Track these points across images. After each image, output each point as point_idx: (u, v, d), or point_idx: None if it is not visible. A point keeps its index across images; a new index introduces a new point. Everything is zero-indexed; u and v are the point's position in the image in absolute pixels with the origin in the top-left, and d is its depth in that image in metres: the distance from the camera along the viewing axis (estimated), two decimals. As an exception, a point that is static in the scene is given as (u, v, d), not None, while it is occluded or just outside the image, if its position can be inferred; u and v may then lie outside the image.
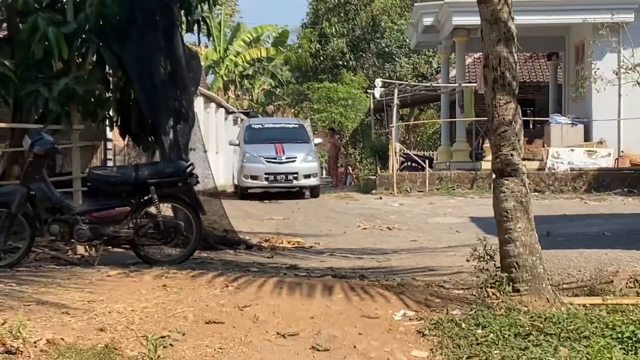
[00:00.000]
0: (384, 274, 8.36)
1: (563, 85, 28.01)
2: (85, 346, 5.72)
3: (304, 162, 21.89)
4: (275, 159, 21.85)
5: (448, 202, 19.51)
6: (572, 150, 22.28)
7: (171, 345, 5.87)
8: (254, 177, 21.68)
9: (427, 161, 24.81)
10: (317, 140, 24.95)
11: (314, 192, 22.21)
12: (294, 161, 21.79)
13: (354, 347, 5.97)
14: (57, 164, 11.92)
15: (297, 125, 24.66)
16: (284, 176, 21.60)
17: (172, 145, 10.50)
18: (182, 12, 11.04)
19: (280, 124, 25.57)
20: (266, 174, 21.60)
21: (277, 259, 10.22)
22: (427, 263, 9.50)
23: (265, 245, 11.65)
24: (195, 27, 11.25)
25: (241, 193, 22.09)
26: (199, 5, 11.16)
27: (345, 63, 45.09)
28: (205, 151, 11.13)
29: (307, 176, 21.74)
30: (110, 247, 9.62)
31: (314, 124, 44.68)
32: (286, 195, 21.74)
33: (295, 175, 21.59)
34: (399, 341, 6.08)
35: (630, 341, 5.79)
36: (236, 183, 23.41)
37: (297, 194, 22.15)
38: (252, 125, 24.32)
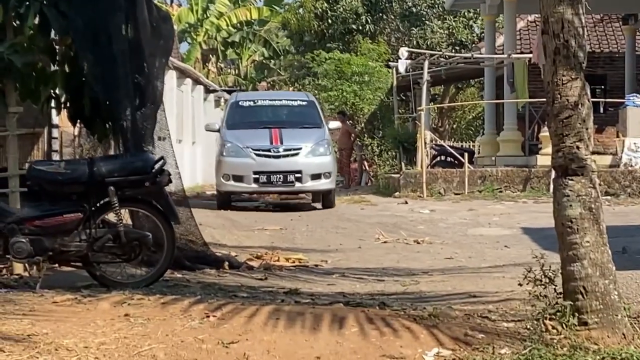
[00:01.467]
0: (411, 302, 8.39)
1: (643, 57, 28.05)
2: (24, 393, 5.74)
3: (311, 156, 19.64)
4: (268, 151, 19.65)
5: (494, 208, 19.55)
6: (655, 141, 22.33)
7: (136, 393, 5.90)
8: (237, 178, 19.48)
9: (466, 155, 24.84)
10: (334, 124, 22.86)
11: (327, 200, 20.07)
12: (296, 154, 19.58)
13: (372, 396, 6.00)
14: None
15: (304, 102, 22.19)
16: (281, 176, 19.36)
17: (135, 134, 10.50)
18: (150, -40, 11.06)
19: (280, 99, 23.18)
20: (255, 173, 19.38)
21: (272, 281, 10.24)
22: (467, 287, 9.54)
23: (256, 263, 11.66)
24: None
25: (220, 200, 20.01)
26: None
27: (360, 27, 45.08)
28: (163, 139, 11.09)
29: (316, 176, 19.43)
30: (56, 264, 9.63)
31: (320, 106, 44.75)
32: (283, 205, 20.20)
33: (299, 176, 19.34)
34: (431, 389, 6.11)
35: None
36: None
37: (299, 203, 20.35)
38: (240, 103, 21.84)
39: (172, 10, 40.19)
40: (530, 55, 26.48)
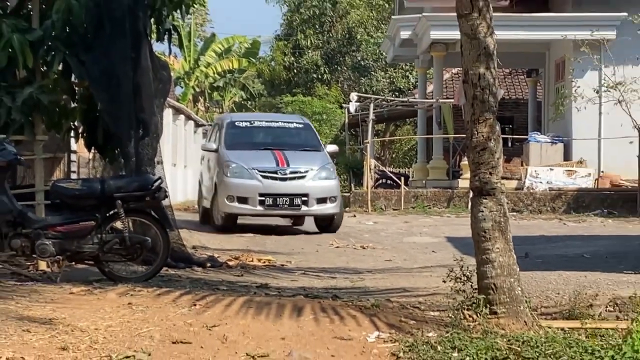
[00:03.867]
0: (357, 295, 8.38)
1: (543, 103, 28.26)
2: (46, 366, 5.69)
3: (317, 180, 16.35)
4: (275, 173, 16.16)
5: (424, 221, 19.57)
6: (551, 169, 22.46)
7: (136, 365, 5.85)
8: (242, 200, 15.98)
9: (402, 179, 24.94)
10: (331, 147, 18.66)
11: (332, 224, 16.58)
12: (303, 177, 16.27)
13: (326, 369, 5.98)
14: (18, 175, 11.84)
15: (300, 125, 18.40)
16: (287, 199, 16.04)
17: (138, 159, 10.47)
18: (153, 20, 11.02)
19: (276, 121, 19.17)
20: (262, 195, 15.95)
21: (247, 277, 10.19)
22: (402, 284, 9.52)
23: (234, 263, 11.62)
24: (166, 37, 11.23)
25: (224, 222, 16.29)
26: (170, 14, 11.15)
27: (319, 76, 45.20)
28: (159, 163, 11.02)
29: (322, 200, 16.25)
30: (73, 263, 9.56)
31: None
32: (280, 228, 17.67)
33: (305, 199, 16.08)
34: (373, 364, 6.09)
35: (610, 366, 5.84)
36: (205, 205, 17.80)
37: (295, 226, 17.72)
38: (237, 123, 17.90)
39: (171, 61, 40.05)
40: (454, 100, 26.67)
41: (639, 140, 20.23)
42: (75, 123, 10.95)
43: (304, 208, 16.11)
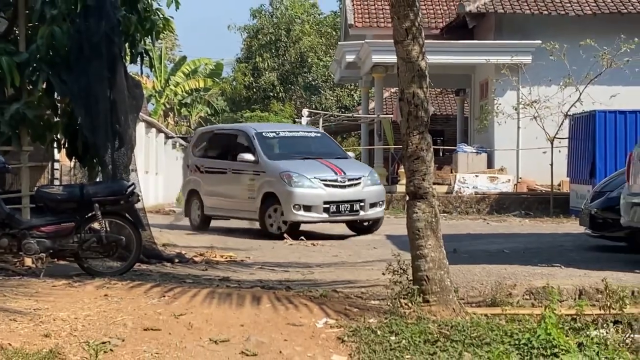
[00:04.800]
0: (308, 286, 8.35)
1: (469, 118, 28.51)
2: (30, 351, 5.61)
3: (370, 185, 15.47)
4: (336, 181, 15.04)
5: (366, 221, 19.51)
6: (476, 176, 22.64)
7: (111, 350, 5.79)
8: (307, 208, 14.77)
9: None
10: (351, 155, 17.58)
11: (376, 225, 15.78)
12: (358, 184, 15.22)
13: (280, 352, 5.95)
14: (6, 182, 11.65)
15: (319, 134, 17.50)
16: (348, 205, 14.96)
17: (114, 167, 10.36)
18: (127, 44, 10.93)
19: (297, 131, 17.83)
20: (326, 202, 14.83)
21: (210, 271, 10.12)
22: (347, 276, 9.51)
23: (199, 259, 11.53)
24: (139, 59, 11.14)
25: (287, 230, 14.93)
26: (142, 39, 11.07)
27: (275, 94, 45.23)
28: (133, 171, 10.89)
29: (374, 205, 15.36)
30: (55, 259, 9.42)
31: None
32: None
33: (362, 204, 15.13)
34: (321, 347, 6.08)
35: (526, 347, 5.88)
36: (245, 216, 15.98)
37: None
38: (264, 134, 16.20)
39: (143, 81, 39.74)
40: (393, 115, 26.79)
41: (551, 150, 20.48)
42: (58, 135, 10.81)
43: (361, 213, 15.22)
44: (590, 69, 20.19)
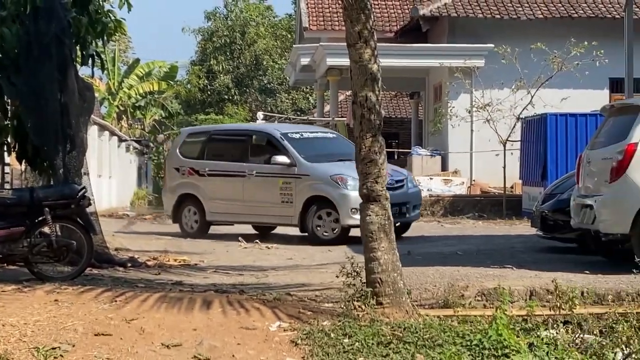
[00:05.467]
0: (261, 289, 8.33)
1: (423, 121, 28.67)
2: (-22, 358, 5.51)
3: (412, 188, 15.28)
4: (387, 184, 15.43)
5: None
6: (430, 178, 22.77)
7: (61, 356, 5.73)
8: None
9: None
10: None
11: (406, 229, 15.25)
12: (403, 186, 14.91)
13: (233, 356, 5.93)
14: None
15: (334, 136, 17.17)
16: (397, 208, 13.83)
17: (65, 170, 10.24)
18: (78, 47, 10.82)
19: (316, 132, 17.04)
20: None
21: (163, 275, 10.04)
22: (301, 279, 9.51)
23: (153, 263, 11.44)
24: (90, 61, 11.03)
25: (339, 235, 14.31)
26: (93, 41, 10.96)
27: (230, 97, 45.11)
28: (85, 174, 10.76)
29: (415, 207, 15.22)
30: (5, 264, 9.28)
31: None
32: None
33: (407, 207, 14.82)
34: (274, 350, 6.07)
35: (477, 348, 5.94)
36: (274, 221, 15.40)
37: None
38: (290, 135, 15.39)
39: (96, 83, 39.32)
40: (346, 119, 26.86)
41: (504, 153, 20.69)
42: (8, 139, 10.67)
43: (407, 215, 14.85)
44: (541, 72, 20.45)
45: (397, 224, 14.42)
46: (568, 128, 18.89)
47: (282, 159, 14.81)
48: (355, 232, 14.48)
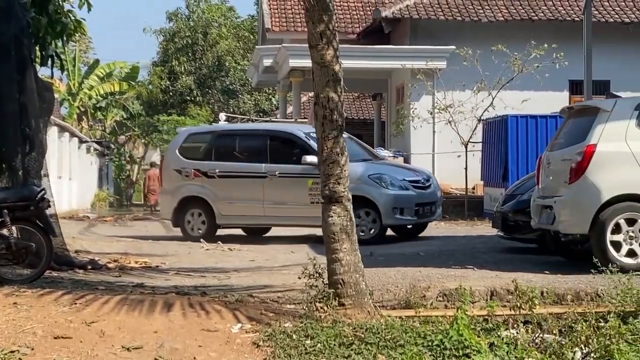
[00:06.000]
0: (223, 291, 8.30)
1: (386, 123, 28.77)
2: None
3: (437, 188, 15.49)
4: (419, 182, 14.78)
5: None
6: (393, 180, 22.78)
7: (20, 359, 5.65)
8: (402, 211, 14.29)
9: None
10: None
11: (422, 229, 15.30)
12: (430, 186, 15.05)
13: (194, 358, 5.91)
14: None
15: (347, 136, 17.55)
16: (429, 207, 14.69)
17: (24, 172, 10.12)
18: (37, 47, 10.70)
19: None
20: (417, 205, 14.46)
21: (124, 278, 9.97)
22: (263, 281, 9.49)
23: (113, 265, 11.36)
24: (50, 62, 10.92)
25: (379, 234, 14.24)
26: (53, 42, 10.85)
27: (192, 98, 44.89)
28: (45, 176, 10.63)
29: (439, 206, 15.31)
30: (-38, 267, 9.14)
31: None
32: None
33: (435, 206, 14.96)
34: (236, 352, 6.06)
35: (439, 348, 5.98)
36: (303, 223, 14.97)
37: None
38: (312, 134, 14.47)
39: (56, 84, 38.93)
40: (307, 121, 26.83)
41: (465, 154, 20.84)
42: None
43: (435, 214, 14.94)
44: (502, 74, 20.63)
45: (425, 224, 15.09)
46: (528, 129, 19.10)
47: (312, 158, 14.21)
48: (389, 232, 14.91)
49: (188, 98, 44.78)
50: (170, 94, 45.23)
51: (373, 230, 14.30)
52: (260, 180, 14.97)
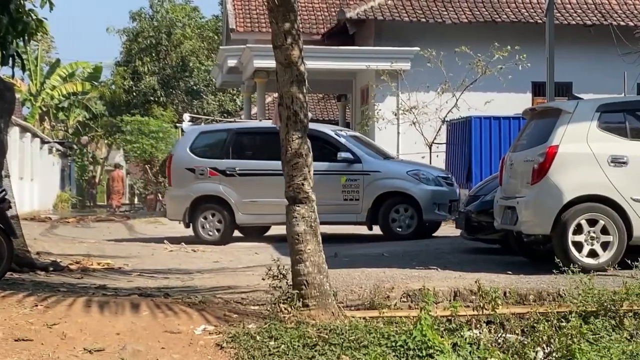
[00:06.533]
0: (187, 292, 8.27)
1: (351, 123, 28.80)
2: None
3: (457, 185, 15.92)
4: (448, 179, 15.42)
5: (248, 226, 19.48)
6: (357, 180, 22.83)
7: (-21, 363, 5.58)
8: (439, 207, 14.74)
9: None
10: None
11: (437, 228, 15.47)
12: (453, 184, 15.49)
13: (157, 360, 5.87)
14: None
15: (358, 134, 17.44)
16: (451, 204, 14.94)
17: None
18: (-2, 46, 10.56)
19: (349, 131, 17.41)
20: (450, 201, 14.90)
21: (87, 279, 9.88)
22: (227, 282, 9.45)
23: (76, 267, 11.25)
24: (11, 61, 10.77)
25: (417, 229, 14.59)
26: (14, 41, 10.71)
27: (156, 99, 44.61)
28: (7, 177, 10.49)
29: (457, 204, 15.13)
30: None
31: (127, 155, 43.80)
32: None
33: (458, 202, 14.98)
34: (199, 354, 6.03)
35: (402, 349, 6.00)
36: (336, 219, 14.68)
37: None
38: (339, 132, 15.66)
39: (17, 84, 38.50)
40: (272, 121, 26.78)
41: (429, 155, 20.95)
42: None
43: (454, 212, 14.76)
44: (466, 75, 20.78)
45: (438, 223, 15.30)
46: (492, 131, 19.26)
47: (346, 155, 14.69)
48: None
49: (152, 98, 44.50)
50: (134, 94, 44.92)
51: (411, 226, 14.61)
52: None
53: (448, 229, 15.65)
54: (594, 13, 24.36)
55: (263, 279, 7.28)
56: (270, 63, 7.38)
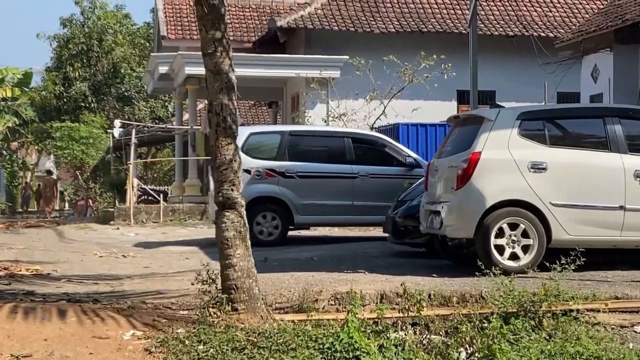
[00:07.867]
0: (116, 298, 8.16)
1: (281, 130, 28.77)
2: None
3: None
4: None
5: (180, 231, 19.39)
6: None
7: None
8: None
9: (162, 195, 24.59)
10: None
11: None
12: None
13: (85, 366, 5.77)
14: None
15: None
16: None
17: None
18: None
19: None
20: None
21: (14, 285, 9.65)
22: (157, 287, 9.35)
23: (3, 273, 10.99)
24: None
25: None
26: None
27: (87, 105, 43.94)
28: None
29: None
30: None
31: (57, 161, 43.04)
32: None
33: None
34: (127, 359, 5.95)
35: (330, 351, 6.01)
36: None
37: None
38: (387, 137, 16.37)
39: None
40: (201, 128, 26.65)
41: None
42: None
43: None
44: (393, 83, 21.00)
45: None
46: (418, 137, 19.50)
47: (411, 160, 15.02)
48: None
49: (82, 104, 43.82)
50: (64, 100, 44.17)
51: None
52: (350, 181, 14.92)
53: (376, 233, 15.76)
54: (516, 24, 24.87)
55: (193, 284, 7.22)
56: (202, 70, 7.34)
